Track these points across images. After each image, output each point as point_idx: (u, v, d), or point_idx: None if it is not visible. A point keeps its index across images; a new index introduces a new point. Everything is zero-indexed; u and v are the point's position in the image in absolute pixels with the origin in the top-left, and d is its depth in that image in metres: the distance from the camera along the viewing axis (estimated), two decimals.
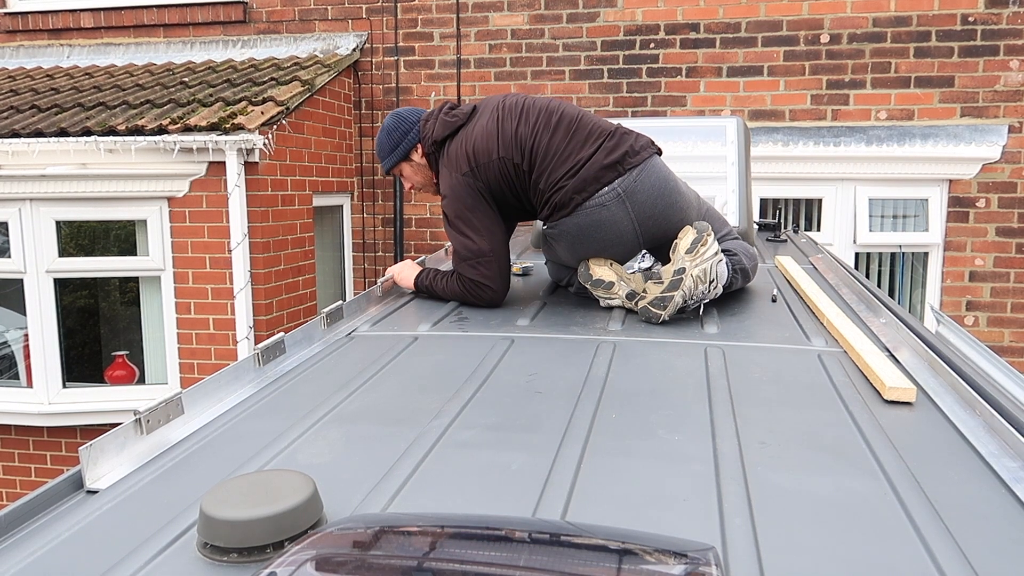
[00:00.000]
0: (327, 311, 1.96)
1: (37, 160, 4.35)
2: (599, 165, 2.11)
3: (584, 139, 2.15)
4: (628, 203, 2.10)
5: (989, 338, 4.85)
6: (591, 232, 2.13)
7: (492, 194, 2.20)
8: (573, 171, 2.12)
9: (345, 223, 5.73)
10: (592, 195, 2.10)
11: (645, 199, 2.11)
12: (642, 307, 2.00)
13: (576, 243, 2.17)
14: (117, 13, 5.90)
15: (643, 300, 2.00)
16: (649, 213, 2.12)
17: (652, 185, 2.12)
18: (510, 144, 2.15)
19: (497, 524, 0.79)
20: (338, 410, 1.38)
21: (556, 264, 2.42)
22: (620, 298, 2.10)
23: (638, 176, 2.11)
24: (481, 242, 2.19)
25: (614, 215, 2.10)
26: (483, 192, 2.19)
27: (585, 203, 2.10)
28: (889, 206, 5.04)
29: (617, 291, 2.10)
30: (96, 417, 4.62)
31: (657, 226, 2.15)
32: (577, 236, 2.15)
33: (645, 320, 2.00)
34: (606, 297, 2.14)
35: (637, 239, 2.15)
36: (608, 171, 2.11)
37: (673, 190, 2.16)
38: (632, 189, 2.10)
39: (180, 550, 0.91)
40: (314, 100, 4.99)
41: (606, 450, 1.18)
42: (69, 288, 4.73)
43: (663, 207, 2.13)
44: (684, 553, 0.71)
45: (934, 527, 0.93)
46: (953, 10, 4.77)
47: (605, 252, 2.17)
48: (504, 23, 5.38)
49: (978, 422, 1.28)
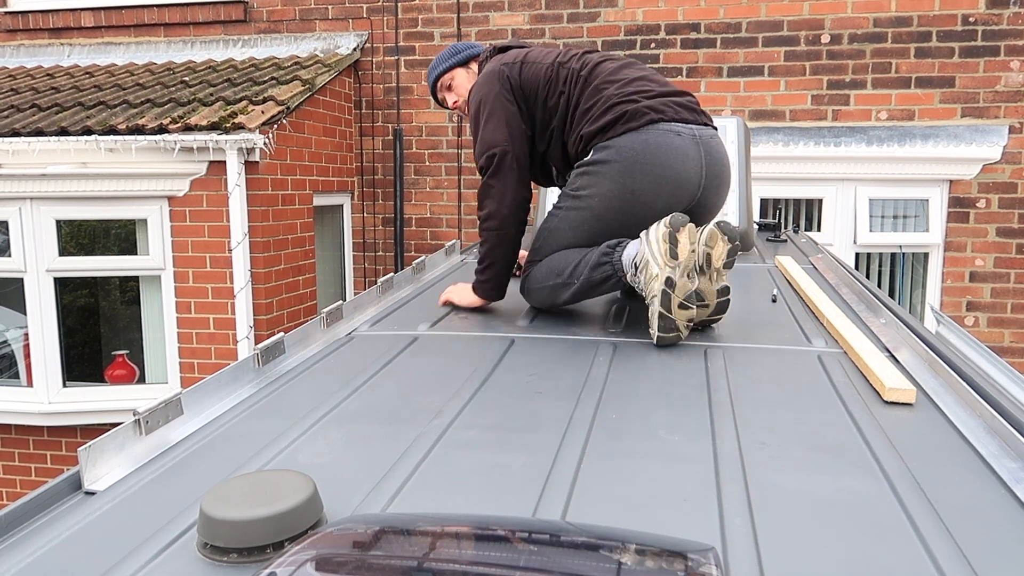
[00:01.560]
0: (327, 311, 1.96)
1: (37, 159, 4.35)
2: (677, 101, 1.93)
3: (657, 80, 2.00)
4: (703, 149, 1.90)
5: (989, 338, 4.85)
6: (660, 156, 1.85)
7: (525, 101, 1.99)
8: (648, 92, 1.92)
9: (345, 223, 5.73)
10: (669, 120, 1.88)
11: (716, 158, 1.92)
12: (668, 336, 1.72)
13: (635, 166, 1.85)
14: (117, 12, 5.90)
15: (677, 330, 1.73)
16: (715, 172, 1.92)
17: (721, 152, 1.95)
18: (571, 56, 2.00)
19: (497, 524, 0.79)
20: (338, 410, 1.38)
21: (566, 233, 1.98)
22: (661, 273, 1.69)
23: (713, 135, 1.95)
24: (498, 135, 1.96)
25: (688, 148, 1.87)
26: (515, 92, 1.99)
27: (661, 123, 1.87)
28: (889, 206, 5.04)
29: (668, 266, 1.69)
30: (96, 416, 4.62)
31: (715, 191, 1.94)
32: (642, 155, 1.85)
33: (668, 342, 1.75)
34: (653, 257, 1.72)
35: (698, 190, 1.90)
36: (686, 111, 1.93)
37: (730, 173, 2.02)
38: (707, 141, 1.92)
39: (180, 550, 0.91)
40: (314, 99, 4.99)
41: (606, 450, 1.17)
42: (69, 287, 4.73)
43: (724, 179, 1.96)
44: (684, 553, 0.71)
45: (934, 527, 0.93)
46: (954, 10, 4.77)
47: (662, 188, 1.86)
48: (504, 23, 5.38)
49: (978, 423, 1.27)
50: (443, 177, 5.61)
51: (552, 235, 2.01)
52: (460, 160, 5.57)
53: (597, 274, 1.87)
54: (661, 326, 1.72)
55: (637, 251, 1.78)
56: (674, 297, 1.69)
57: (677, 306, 1.70)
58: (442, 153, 5.59)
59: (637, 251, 1.78)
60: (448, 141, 5.57)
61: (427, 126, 5.58)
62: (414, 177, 5.66)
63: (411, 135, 5.61)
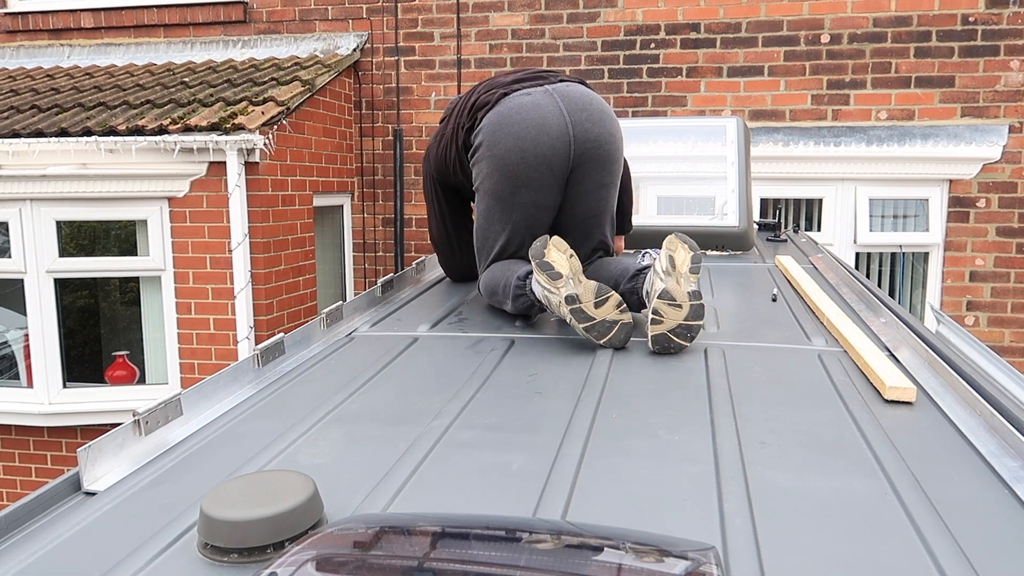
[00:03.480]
0: (327, 311, 1.96)
1: (37, 160, 4.36)
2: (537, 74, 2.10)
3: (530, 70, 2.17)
4: (557, 95, 2.01)
5: (989, 338, 4.85)
6: (513, 116, 1.96)
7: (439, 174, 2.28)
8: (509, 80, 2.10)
9: (345, 223, 5.73)
10: (520, 89, 2.03)
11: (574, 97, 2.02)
12: (660, 334, 1.68)
13: (495, 136, 1.96)
14: (117, 13, 5.90)
15: (660, 326, 1.68)
16: (580, 106, 2.00)
17: (579, 92, 2.04)
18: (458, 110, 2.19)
19: (497, 524, 0.79)
20: (338, 411, 1.38)
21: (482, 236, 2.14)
22: (559, 298, 1.72)
23: (571, 84, 2.07)
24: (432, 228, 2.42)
25: (539, 100, 1.99)
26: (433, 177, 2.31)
27: (512, 94, 2.01)
28: (889, 206, 5.04)
29: (560, 287, 1.72)
30: (96, 417, 4.62)
31: (591, 122, 2.00)
32: (498, 123, 1.97)
33: (660, 350, 1.70)
34: (546, 290, 1.76)
35: (567, 129, 1.98)
36: (541, 79, 2.07)
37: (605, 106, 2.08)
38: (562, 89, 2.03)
39: (180, 551, 0.91)
40: (314, 100, 4.99)
41: (606, 450, 1.17)
42: (69, 288, 4.73)
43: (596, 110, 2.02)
44: (684, 553, 0.71)
45: (934, 526, 0.93)
46: (953, 10, 4.77)
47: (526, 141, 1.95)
48: (504, 23, 5.38)
49: (978, 421, 1.27)
50: None
51: (478, 230, 2.16)
52: None
53: (520, 303, 1.94)
54: (597, 333, 1.71)
55: (539, 293, 1.83)
56: (584, 306, 1.69)
57: (594, 307, 1.70)
58: None
59: (539, 293, 1.83)
60: None
61: (427, 126, 5.58)
62: (414, 177, 5.66)
63: (411, 135, 5.61)
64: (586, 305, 1.69)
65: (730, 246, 3.08)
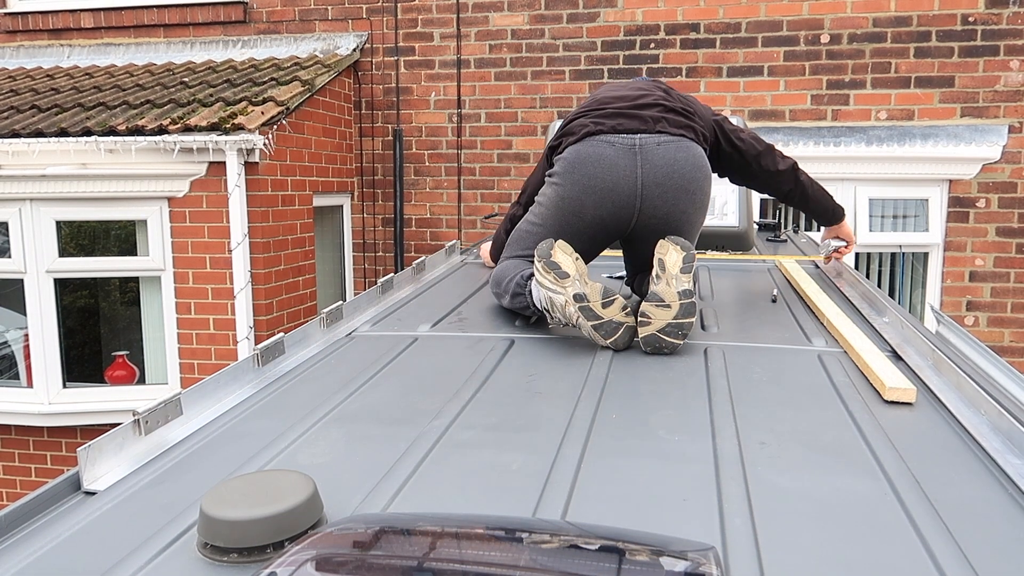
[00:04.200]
0: (327, 311, 1.96)
1: (37, 160, 4.35)
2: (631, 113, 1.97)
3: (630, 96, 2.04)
4: (640, 159, 1.92)
5: (989, 338, 4.85)
6: (587, 166, 1.94)
7: None
8: (604, 110, 2.01)
9: (345, 223, 5.73)
10: (608, 132, 1.95)
11: (658, 165, 1.92)
12: (650, 335, 1.70)
13: (567, 176, 1.96)
14: (117, 13, 5.90)
15: (648, 327, 1.70)
16: (658, 181, 1.92)
17: (675, 159, 1.93)
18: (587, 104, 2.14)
19: (497, 524, 0.79)
20: (338, 410, 1.38)
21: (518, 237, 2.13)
22: (566, 297, 1.73)
23: (663, 143, 1.94)
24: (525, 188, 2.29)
25: (619, 158, 1.92)
26: None
27: (598, 135, 1.95)
28: (889, 206, 5.04)
29: (567, 286, 1.73)
30: (96, 417, 4.62)
31: (662, 200, 1.93)
32: (573, 164, 1.95)
33: (652, 351, 1.71)
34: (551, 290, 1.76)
35: (635, 199, 1.93)
36: (636, 121, 1.95)
37: (695, 178, 1.95)
38: (649, 149, 1.92)
39: (180, 550, 0.91)
40: (314, 100, 4.99)
41: (606, 450, 1.17)
42: (69, 288, 4.73)
43: (674, 186, 1.93)
44: (684, 553, 0.71)
45: (934, 527, 0.93)
46: (953, 10, 4.77)
47: (590, 196, 1.94)
48: (504, 23, 5.38)
49: (982, 419, 1.27)
50: (443, 178, 5.61)
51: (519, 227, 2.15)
52: (460, 161, 5.57)
53: (517, 302, 1.95)
54: (604, 333, 1.73)
55: (538, 296, 1.83)
56: (592, 304, 1.71)
57: (601, 307, 1.72)
58: (442, 154, 5.59)
59: (538, 296, 1.83)
60: (448, 142, 5.57)
61: (427, 127, 5.58)
62: (414, 178, 5.66)
63: (411, 136, 5.61)
64: (594, 304, 1.71)
65: (730, 246, 3.08)
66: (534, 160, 5.45)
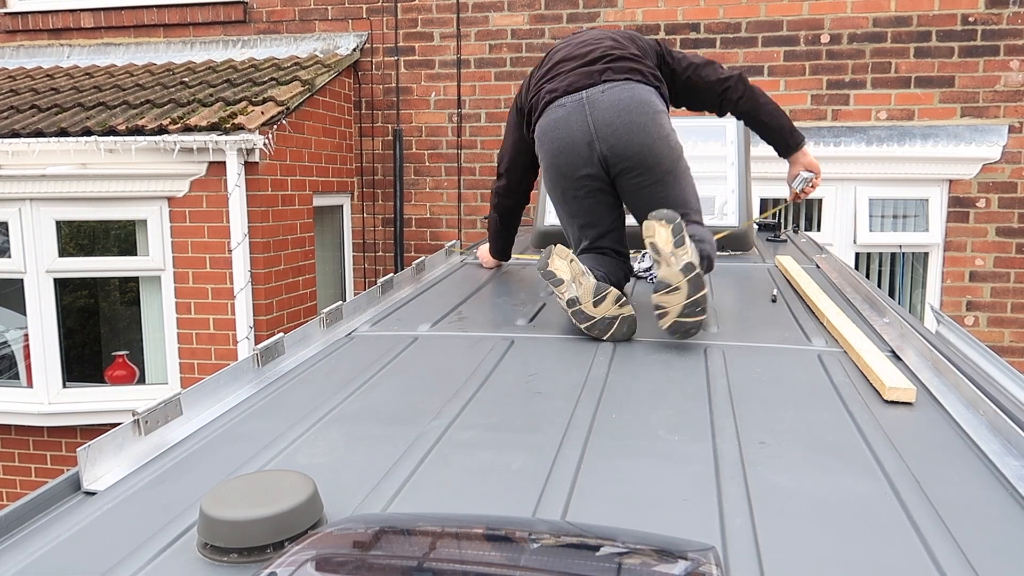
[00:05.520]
0: (327, 311, 1.96)
1: (37, 160, 4.35)
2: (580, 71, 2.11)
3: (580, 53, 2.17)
4: (587, 108, 2.06)
5: (989, 338, 4.85)
6: (549, 132, 2.11)
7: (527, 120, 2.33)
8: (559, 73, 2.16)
9: (345, 223, 5.73)
10: (561, 95, 2.10)
11: (607, 107, 2.04)
12: (671, 324, 1.72)
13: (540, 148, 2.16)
14: (117, 13, 5.90)
15: (667, 317, 1.72)
16: (607, 120, 2.03)
17: (619, 98, 2.04)
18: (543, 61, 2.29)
19: (497, 524, 0.79)
20: (338, 410, 1.38)
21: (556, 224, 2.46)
22: (562, 303, 1.84)
23: (608, 89, 2.06)
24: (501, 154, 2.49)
25: (570, 115, 2.07)
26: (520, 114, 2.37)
27: (553, 102, 2.11)
28: (889, 206, 5.04)
29: (564, 292, 1.83)
30: (96, 417, 4.62)
31: (615, 137, 2.03)
32: (541, 137, 2.14)
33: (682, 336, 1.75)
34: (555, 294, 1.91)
35: (593, 141, 2.05)
36: (584, 78, 2.09)
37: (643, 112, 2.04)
38: (596, 99, 2.06)
39: (180, 550, 0.91)
40: (314, 100, 4.99)
41: (606, 450, 1.17)
42: (69, 288, 4.72)
43: (625, 123, 2.03)
44: (684, 553, 0.71)
45: (934, 527, 0.93)
46: (953, 10, 4.77)
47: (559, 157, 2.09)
48: (504, 23, 5.38)
49: (981, 421, 1.27)
50: (443, 178, 5.61)
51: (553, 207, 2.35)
52: (460, 161, 5.57)
53: None
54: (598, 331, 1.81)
55: None
56: (583, 307, 1.80)
57: (592, 306, 1.79)
58: (442, 154, 5.59)
59: None
60: (448, 142, 5.57)
61: (427, 126, 5.58)
62: (414, 178, 5.66)
63: (411, 135, 5.61)
64: (585, 306, 1.80)
65: (730, 246, 3.08)
66: None
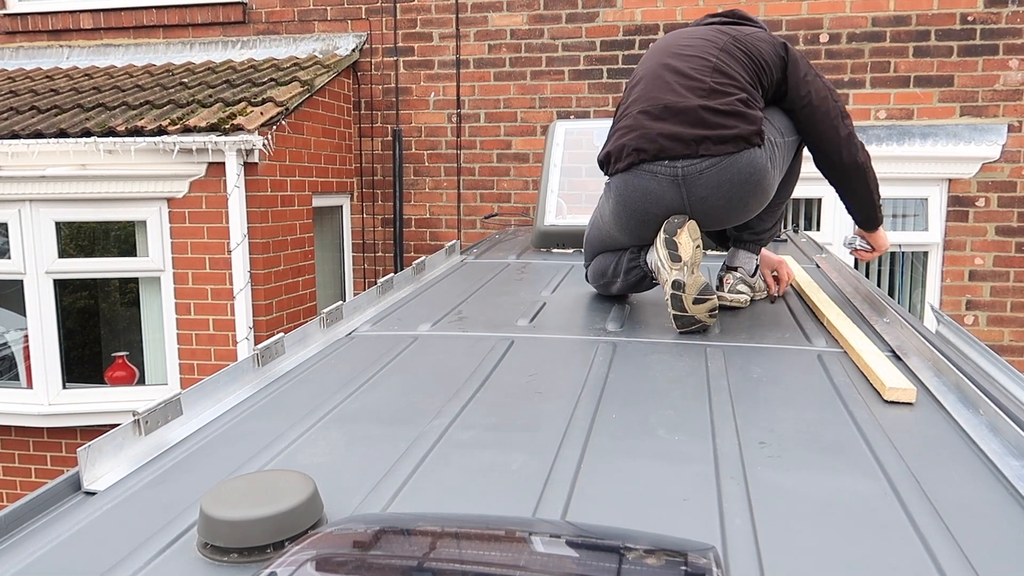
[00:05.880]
0: (327, 311, 1.96)
1: (37, 161, 4.35)
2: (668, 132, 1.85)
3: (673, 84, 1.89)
4: (684, 190, 1.86)
5: (989, 337, 4.85)
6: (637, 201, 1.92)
7: None
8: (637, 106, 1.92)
9: (345, 223, 5.73)
10: (651, 160, 1.87)
11: (705, 195, 1.86)
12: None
13: (619, 206, 1.97)
14: (116, 14, 5.90)
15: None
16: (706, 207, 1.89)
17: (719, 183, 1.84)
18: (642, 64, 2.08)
19: (497, 524, 0.79)
20: (338, 410, 1.38)
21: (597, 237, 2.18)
22: (669, 278, 1.82)
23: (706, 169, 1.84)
24: None
25: (664, 192, 1.88)
26: None
27: (642, 164, 1.88)
28: (889, 205, 5.04)
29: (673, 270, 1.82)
30: (96, 418, 4.62)
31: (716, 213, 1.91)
32: (624, 197, 1.94)
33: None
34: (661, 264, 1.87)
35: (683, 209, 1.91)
36: (678, 143, 1.84)
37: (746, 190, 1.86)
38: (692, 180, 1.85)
39: (180, 550, 0.91)
40: (313, 101, 4.99)
41: (606, 450, 1.17)
42: (69, 289, 4.72)
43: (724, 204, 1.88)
44: (684, 553, 0.71)
45: (934, 527, 0.93)
46: (952, 9, 4.77)
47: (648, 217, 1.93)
48: (503, 23, 5.38)
49: (981, 421, 1.27)
50: (442, 178, 5.61)
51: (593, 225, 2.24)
52: (459, 161, 5.57)
53: (632, 276, 2.09)
54: (679, 324, 1.86)
55: (651, 259, 1.96)
56: (685, 297, 1.81)
57: (692, 303, 1.81)
58: (441, 154, 5.59)
59: (651, 259, 1.96)
60: (447, 142, 5.57)
61: (426, 127, 5.58)
62: (413, 178, 5.66)
63: (410, 136, 5.61)
64: (687, 297, 1.81)
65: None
66: (534, 160, 5.44)
